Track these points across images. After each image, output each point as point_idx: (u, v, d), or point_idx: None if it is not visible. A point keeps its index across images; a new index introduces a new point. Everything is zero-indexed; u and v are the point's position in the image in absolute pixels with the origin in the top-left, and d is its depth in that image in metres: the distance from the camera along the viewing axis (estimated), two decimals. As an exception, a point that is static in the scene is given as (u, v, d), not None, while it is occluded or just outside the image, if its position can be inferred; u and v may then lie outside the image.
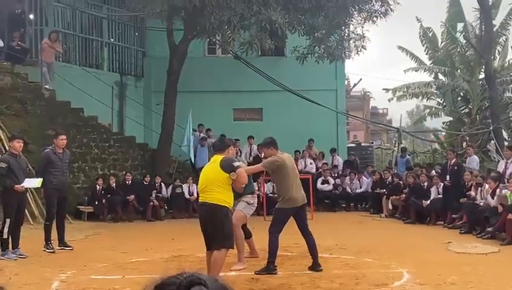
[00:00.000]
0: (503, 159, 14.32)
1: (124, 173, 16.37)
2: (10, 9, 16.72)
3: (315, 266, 7.90)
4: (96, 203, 15.17)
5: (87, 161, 16.04)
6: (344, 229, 13.18)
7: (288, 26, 15.87)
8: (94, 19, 18.60)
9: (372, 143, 31.30)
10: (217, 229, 6.67)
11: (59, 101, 15.63)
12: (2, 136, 13.27)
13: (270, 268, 7.74)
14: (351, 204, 17.92)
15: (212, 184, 6.75)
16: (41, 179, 9.50)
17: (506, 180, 11.91)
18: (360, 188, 17.86)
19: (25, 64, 15.99)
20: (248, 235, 8.78)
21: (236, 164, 6.91)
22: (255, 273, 7.69)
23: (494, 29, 22.65)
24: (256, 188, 15.97)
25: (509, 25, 23.71)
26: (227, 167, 6.75)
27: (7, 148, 11.47)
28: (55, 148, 9.86)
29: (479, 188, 12.69)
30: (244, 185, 7.74)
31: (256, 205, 8.93)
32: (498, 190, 11.69)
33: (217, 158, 6.91)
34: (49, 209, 9.86)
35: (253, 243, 8.94)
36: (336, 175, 18.37)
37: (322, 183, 17.73)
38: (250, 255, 8.85)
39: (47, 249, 9.65)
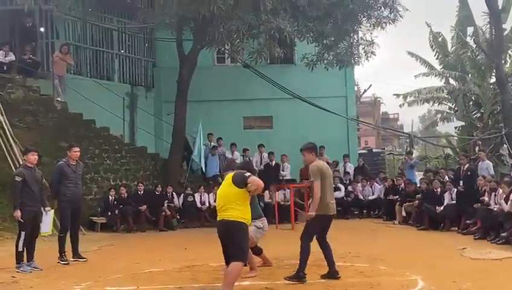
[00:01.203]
0: (516, 163, 14.23)
1: (136, 183, 16.42)
2: (21, 23, 16.89)
3: (333, 274, 7.89)
4: (109, 213, 15.23)
5: (100, 172, 16.12)
6: (357, 237, 13.11)
7: (297, 34, 15.93)
8: (104, 31, 18.78)
9: (384, 149, 31.24)
10: (234, 243, 6.69)
11: (71, 113, 15.76)
12: (16, 149, 13.38)
13: (299, 275, 7.72)
14: (364, 211, 17.85)
15: (229, 202, 6.77)
16: (51, 226, 9.90)
17: (519, 185, 11.79)
18: (373, 194, 17.79)
19: (37, 77, 16.14)
20: (259, 251, 8.80)
21: (247, 174, 6.85)
22: (284, 279, 7.70)
23: (505, 33, 22.56)
24: (268, 197, 16.08)
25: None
26: (239, 180, 6.75)
27: (21, 161, 11.56)
28: (68, 160, 9.92)
29: (493, 193, 12.59)
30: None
31: (266, 228, 8.85)
32: (511, 195, 11.59)
33: (229, 176, 6.95)
34: (63, 221, 9.90)
35: (265, 256, 8.98)
36: (348, 182, 18.31)
37: (334, 190, 17.61)
38: (264, 264, 8.85)
39: (61, 261, 9.68)
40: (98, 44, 18.60)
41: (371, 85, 58.09)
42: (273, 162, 18.16)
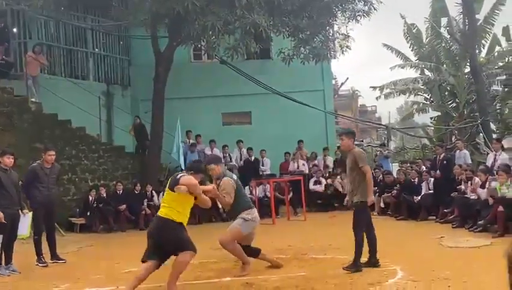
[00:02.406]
0: (492, 151, 14.41)
1: (114, 183, 16.31)
2: (-7, 24, 16.64)
3: (374, 262, 7.99)
4: (89, 214, 15.11)
5: (77, 172, 15.98)
6: (337, 229, 13.15)
7: (273, 29, 15.92)
8: (78, 30, 18.57)
9: (362, 141, 31.41)
10: (171, 240, 6.71)
11: (46, 113, 15.57)
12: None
13: (357, 265, 7.78)
14: (344, 203, 17.88)
15: (167, 201, 6.86)
16: (30, 229, 9.78)
17: (495, 173, 11.97)
18: (352, 186, 17.85)
19: (10, 78, 15.94)
20: (256, 252, 8.23)
21: (178, 176, 6.79)
22: (343, 269, 7.73)
23: (478, 23, 22.80)
24: (248, 192, 16.08)
25: (494, 19, 23.85)
26: (172, 183, 6.79)
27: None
28: (43, 163, 9.83)
29: (469, 182, 12.75)
30: (230, 200, 7.80)
31: (255, 222, 8.09)
32: (487, 183, 11.76)
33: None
34: (36, 223, 9.81)
35: (268, 256, 8.40)
36: (328, 175, 18.40)
37: (315, 183, 17.75)
38: (273, 267, 8.32)
39: (39, 263, 9.60)
40: (72, 43, 18.39)
41: (347, 78, 58.48)
42: (252, 158, 18.21)
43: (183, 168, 17.35)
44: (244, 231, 7.97)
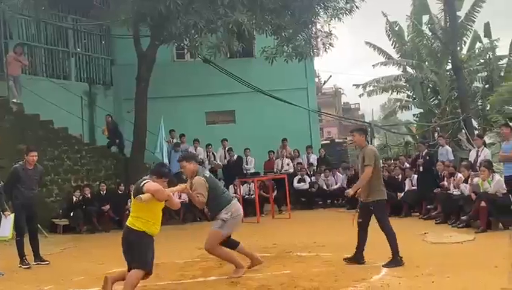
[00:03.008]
0: (474, 147, 14.54)
1: (98, 183, 16.21)
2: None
3: (358, 258, 8.07)
4: (72, 214, 14.99)
5: (60, 173, 15.86)
6: (321, 227, 13.23)
7: (256, 27, 15.90)
8: (59, 30, 18.41)
9: (346, 139, 31.51)
10: (131, 250, 6.59)
11: (28, 114, 15.43)
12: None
13: (397, 260, 7.78)
14: (328, 201, 18.00)
15: (133, 210, 6.70)
16: (12, 230, 9.64)
17: (478, 168, 12.08)
18: (336, 184, 17.95)
19: (-9, 79, 15.75)
20: (235, 244, 7.93)
21: (143, 181, 6.57)
22: (382, 266, 7.73)
23: (459, 20, 23.00)
24: (233, 191, 16.07)
25: (475, 16, 24.06)
26: (135, 191, 6.58)
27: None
28: (25, 164, 9.74)
29: (452, 178, 12.86)
30: (203, 199, 7.53)
31: (236, 218, 7.76)
32: (469, 179, 11.87)
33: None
34: (17, 225, 9.72)
35: (246, 250, 8.08)
36: (312, 173, 18.45)
37: (299, 182, 17.80)
38: (253, 265, 8.00)
39: (22, 265, 9.52)
40: (53, 43, 18.25)
41: (330, 76, 58.67)
42: (234, 157, 18.20)
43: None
44: (225, 233, 7.71)
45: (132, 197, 6.69)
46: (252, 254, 8.13)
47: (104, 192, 15.78)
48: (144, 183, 6.51)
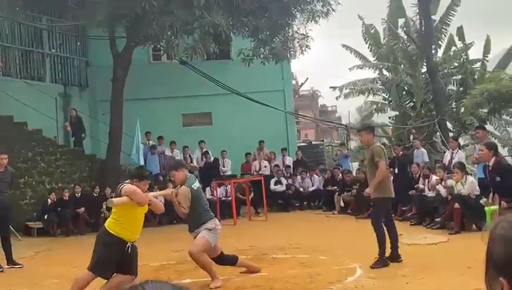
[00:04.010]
0: (448, 149, 14.71)
1: (72, 185, 16.03)
2: None
3: (396, 257, 8.00)
4: (46, 217, 14.80)
5: (34, 175, 15.64)
6: (298, 229, 13.26)
7: (232, 29, 15.90)
8: (34, 31, 18.16)
9: (323, 141, 31.66)
10: (96, 248, 6.59)
11: (1, 116, 15.19)
12: None
13: (383, 260, 7.76)
14: (304, 203, 18.05)
15: (112, 213, 6.69)
16: None
17: (452, 170, 12.21)
18: (312, 186, 18.01)
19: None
20: (234, 260, 7.89)
21: (122, 185, 6.49)
22: (371, 267, 7.65)
23: (434, 23, 23.25)
24: (209, 193, 16.03)
25: (450, 20, 24.34)
26: (116, 195, 6.55)
27: None
28: (-5, 166, 9.60)
29: (426, 180, 12.99)
30: (187, 211, 7.43)
31: (219, 228, 7.73)
32: (443, 181, 12.00)
33: None
34: None
35: (246, 262, 8.12)
36: (288, 175, 18.48)
37: (275, 184, 17.81)
38: (250, 271, 7.99)
39: (-5, 268, 9.38)
40: (28, 44, 17.99)
41: (307, 78, 58.94)
42: (211, 159, 18.14)
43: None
44: (212, 241, 7.56)
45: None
46: (253, 265, 8.17)
47: (79, 195, 15.60)
48: (122, 187, 6.44)
